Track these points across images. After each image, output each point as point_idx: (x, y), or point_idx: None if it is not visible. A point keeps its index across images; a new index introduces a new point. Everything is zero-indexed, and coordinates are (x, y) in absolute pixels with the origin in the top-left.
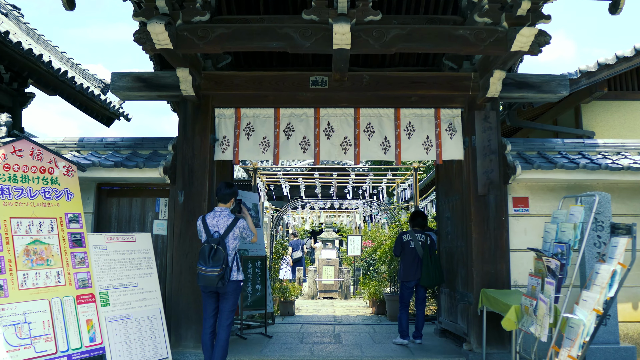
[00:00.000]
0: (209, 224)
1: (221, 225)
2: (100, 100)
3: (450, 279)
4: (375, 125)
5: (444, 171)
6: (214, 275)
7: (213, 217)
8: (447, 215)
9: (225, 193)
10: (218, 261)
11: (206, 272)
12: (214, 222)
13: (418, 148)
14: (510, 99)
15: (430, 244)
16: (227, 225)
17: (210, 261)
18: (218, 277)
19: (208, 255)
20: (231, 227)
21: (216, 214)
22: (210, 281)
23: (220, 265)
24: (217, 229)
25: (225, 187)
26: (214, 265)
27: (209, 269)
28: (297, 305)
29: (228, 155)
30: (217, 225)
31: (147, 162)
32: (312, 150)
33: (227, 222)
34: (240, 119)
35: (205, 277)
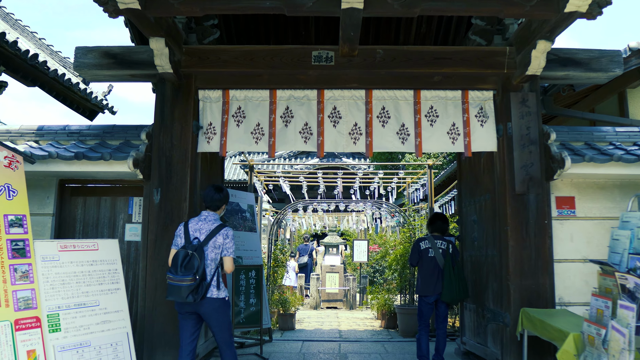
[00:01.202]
0: (191, 228)
1: (203, 230)
2: (80, 90)
3: (477, 294)
4: (391, 110)
5: (468, 166)
6: (184, 286)
7: (197, 222)
8: (472, 219)
9: (214, 199)
10: (190, 269)
11: (175, 281)
12: (197, 226)
13: (442, 137)
14: (552, 79)
15: (453, 252)
16: (209, 230)
17: (182, 269)
18: (188, 288)
19: (181, 262)
20: (213, 233)
21: (201, 218)
22: (178, 293)
23: (192, 274)
24: (198, 234)
25: (214, 192)
26: (185, 273)
27: (179, 277)
28: (299, 318)
29: (214, 145)
30: (199, 230)
31: (114, 154)
32: (314, 139)
33: (209, 227)
34: (229, 103)
35: (174, 287)
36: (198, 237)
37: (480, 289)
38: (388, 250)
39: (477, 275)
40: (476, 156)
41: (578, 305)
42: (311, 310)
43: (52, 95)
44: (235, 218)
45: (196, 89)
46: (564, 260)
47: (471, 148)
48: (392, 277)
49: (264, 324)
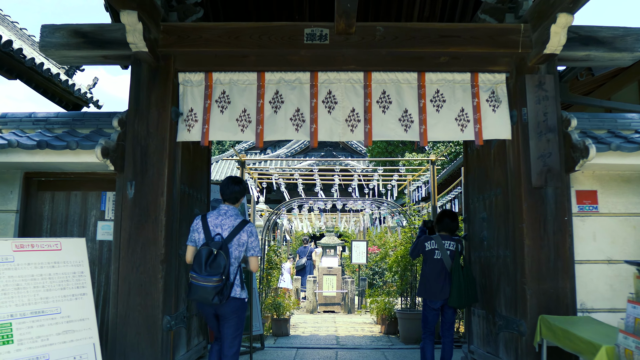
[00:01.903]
0: (211, 223)
1: (226, 226)
2: (61, 81)
3: (486, 299)
4: (393, 94)
5: (477, 159)
6: (210, 287)
7: (217, 216)
8: (481, 216)
9: (234, 191)
10: (217, 269)
11: (200, 281)
12: (218, 221)
13: (450, 124)
14: (571, 61)
15: (462, 252)
16: (233, 226)
17: (208, 268)
18: (215, 289)
19: (205, 261)
20: (237, 230)
21: (221, 212)
22: (205, 294)
23: (219, 275)
24: (220, 230)
25: (232, 184)
26: (211, 273)
27: (205, 278)
28: (294, 322)
29: (195, 134)
30: (221, 226)
31: (82, 142)
32: (307, 127)
33: (233, 223)
34: (212, 87)
35: (198, 288)
36: (220, 232)
37: (491, 293)
38: (388, 251)
39: (486, 279)
40: (486, 147)
41: (602, 311)
42: (307, 315)
43: (31, 86)
44: None
45: (175, 71)
46: (585, 262)
47: (482, 136)
48: (393, 280)
49: (254, 330)
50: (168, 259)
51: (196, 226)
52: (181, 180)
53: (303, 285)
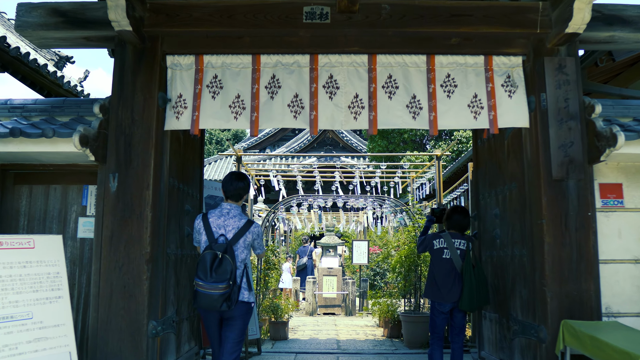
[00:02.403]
0: (213, 224)
1: (230, 227)
2: (49, 73)
3: (499, 301)
4: (399, 78)
5: (488, 151)
6: (217, 294)
7: (219, 216)
8: (494, 213)
9: (237, 187)
10: (223, 275)
11: (206, 289)
12: (220, 221)
13: (462, 111)
14: (593, 43)
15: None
16: (238, 227)
17: (213, 274)
18: (223, 297)
19: (210, 266)
20: (243, 231)
21: (223, 212)
22: (212, 302)
23: (226, 281)
24: (224, 231)
25: (236, 180)
26: (217, 280)
27: (211, 285)
28: (292, 325)
29: (184, 121)
30: (225, 227)
31: (59, 130)
32: (306, 114)
33: (237, 224)
34: (203, 71)
35: (205, 296)
36: (224, 234)
37: (504, 295)
38: (390, 251)
39: (499, 280)
40: (498, 138)
41: (630, 316)
42: (307, 317)
43: (17, 78)
44: None
45: (163, 54)
46: (610, 261)
47: (497, 123)
48: (396, 281)
49: (251, 335)
50: (154, 259)
51: (198, 226)
52: (170, 173)
53: (302, 286)
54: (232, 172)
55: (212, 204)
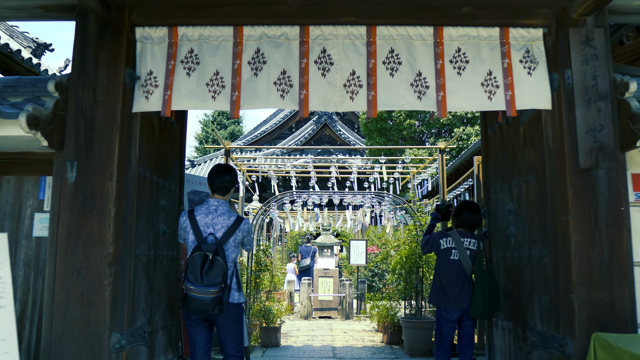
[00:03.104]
0: (201, 222)
1: (219, 226)
2: (24, 59)
3: (513, 308)
4: (403, 53)
5: (500, 141)
6: (209, 299)
7: (206, 213)
8: (507, 208)
9: (224, 180)
10: (215, 278)
11: (198, 293)
12: (208, 219)
13: (475, 90)
14: (623, 14)
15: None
16: (228, 226)
17: (205, 277)
18: (214, 301)
19: (201, 268)
20: (233, 229)
21: (211, 209)
22: (203, 307)
23: (218, 285)
24: (213, 230)
25: (222, 172)
26: (209, 283)
27: (202, 289)
28: (285, 330)
29: (154, 102)
30: (213, 225)
31: (6, 110)
32: (295, 93)
33: (227, 222)
34: (178, 45)
35: (196, 300)
36: (213, 233)
37: (520, 301)
38: (390, 251)
39: (514, 284)
40: (513, 125)
41: None
42: (301, 321)
43: None
44: None
45: (132, 25)
46: None
47: (515, 104)
48: (397, 283)
49: None
50: (119, 261)
51: (184, 224)
52: (140, 163)
53: (297, 287)
54: (218, 164)
55: (197, 200)
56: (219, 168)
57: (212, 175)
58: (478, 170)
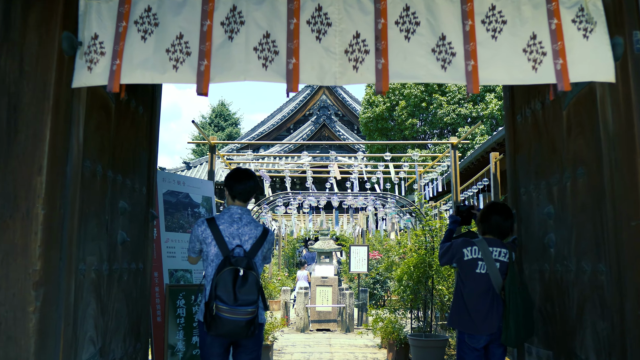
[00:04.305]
0: (225, 232)
1: (246, 237)
2: None
3: (555, 333)
4: (421, 11)
5: (533, 129)
6: (245, 320)
7: (230, 222)
8: (545, 211)
9: (248, 186)
10: (251, 295)
11: (232, 314)
12: (233, 229)
13: (515, 59)
14: None
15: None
16: (256, 237)
17: (239, 296)
18: (250, 323)
19: (233, 285)
20: (261, 241)
21: (234, 217)
22: (237, 329)
23: (254, 303)
24: (239, 241)
25: (246, 178)
26: (245, 302)
27: (237, 309)
28: (279, 346)
29: (99, 74)
30: (239, 236)
31: None
32: (282, 62)
33: (255, 233)
34: (131, 2)
35: (229, 322)
36: (240, 244)
37: (564, 326)
38: (394, 259)
39: (554, 304)
40: (551, 108)
41: None
42: (297, 334)
43: None
44: (183, 215)
45: None
46: None
47: (568, 75)
48: (404, 294)
49: None
50: (50, 279)
51: (202, 235)
52: (87, 154)
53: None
54: (238, 168)
55: (174, 202)
56: (241, 173)
57: (232, 180)
58: (495, 168)
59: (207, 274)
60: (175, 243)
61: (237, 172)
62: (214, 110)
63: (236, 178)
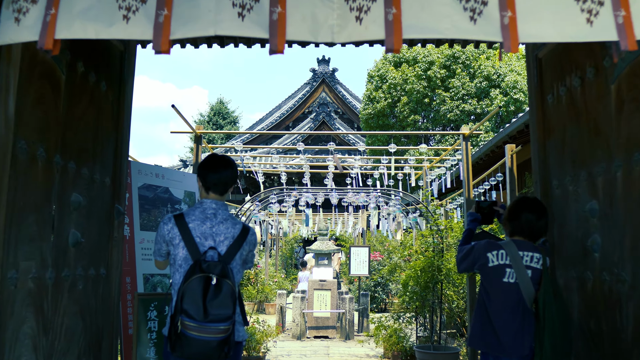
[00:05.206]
0: (196, 231)
1: (221, 237)
2: None
3: (604, 356)
4: None
5: (569, 109)
6: (217, 340)
7: (202, 219)
8: (588, 207)
9: (224, 176)
10: (224, 309)
11: (200, 333)
12: (206, 228)
13: (563, 7)
14: None
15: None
16: (233, 237)
17: (210, 310)
18: (224, 343)
19: (204, 296)
20: (240, 242)
21: (207, 213)
22: (207, 351)
23: (229, 319)
24: (213, 242)
25: (222, 166)
26: (217, 317)
27: (208, 326)
28: (272, 356)
29: (30, 27)
30: (213, 236)
31: None
32: (264, 11)
33: (231, 232)
34: None
35: (196, 343)
36: (214, 246)
37: (614, 348)
38: (398, 262)
39: (600, 320)
40: (594, 84)
41: None
42: (293, 342)
43: None
44: (162, 212)
45: None
46: None
47: (633, 31)
48: (411, 300)
49: None
50: None
51: (169, 234)
52: (22, 134)
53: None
54: (213, 154)
55: (151, 198)
56: (216, 160)
57: (205, 169)
58: (512, 161)
59: (174, 281)
60: (152, 244)
61: (211, 159)
62: (213, 109)
63: (210, 166)
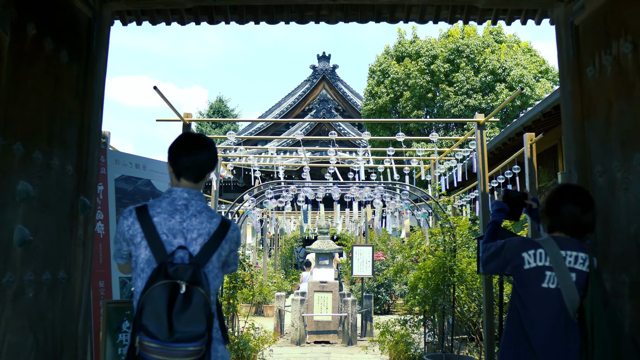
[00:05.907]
0: (162, 227)
1: (194, 234)
2: None
3: None
4: None
5: (615, 82)
6: None
7: (170, 213)
8: None
9: (199, 159)
10: (195, 325)
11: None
12: (174, 222)
13: None
14: None
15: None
16: (209, 233)
17: (177, 326)
18: None
19: (169, 310)
20: (217, 239)
21: (177, 205)
22: None
23: (201, 338)
24: (183, 240)
25: (196, 146)
26: (184, 336)
27: (174, 347)
28: None
29: None
30: (184, 233)
31: None
32: None
33: (206, 227)
34: None
35: None
36: (184, 245)
37: None
38: (405, 262)
39: None
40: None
41: None
42: (292, 347)
43: None
44: None
45: None
46: None
47: None
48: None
49: None
50: None
51: (129, 232)
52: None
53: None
54: (186, 132)
55: (130, 191)
56: (190, 139)
57: (177, 150)
58: (531, 152)
59: (135, 290)
60: None
61: (184, 139)
62: (212, 107)
63: (183, 146)
